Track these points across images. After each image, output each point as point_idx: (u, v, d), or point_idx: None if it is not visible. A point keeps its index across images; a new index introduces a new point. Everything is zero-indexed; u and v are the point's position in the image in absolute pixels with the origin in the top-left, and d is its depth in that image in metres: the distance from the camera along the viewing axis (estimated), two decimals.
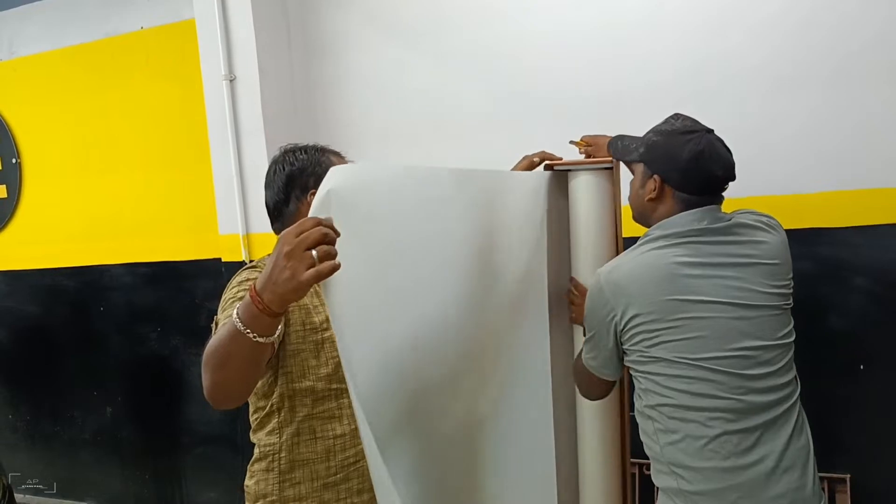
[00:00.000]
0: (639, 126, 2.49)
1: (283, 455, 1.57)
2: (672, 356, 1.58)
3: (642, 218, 1.80)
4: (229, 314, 1.40)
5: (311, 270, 1.12)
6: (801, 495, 1.61)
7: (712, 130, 1.72)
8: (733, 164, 1.72)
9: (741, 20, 2.57)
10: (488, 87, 2.98)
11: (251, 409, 1.62)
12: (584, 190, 1.98)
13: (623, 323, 1.63)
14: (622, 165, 1.96)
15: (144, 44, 3.63)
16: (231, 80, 3.15)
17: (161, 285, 3.81)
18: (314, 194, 1.56)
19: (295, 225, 1.16)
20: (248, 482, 1.63)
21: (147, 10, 3.62)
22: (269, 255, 1.64)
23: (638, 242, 1.73)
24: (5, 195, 4.09)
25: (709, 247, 1.65)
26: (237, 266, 3.24)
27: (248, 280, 1.54)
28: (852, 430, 2.57)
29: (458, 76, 3.04)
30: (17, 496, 2.65)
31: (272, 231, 1.78)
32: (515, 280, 1.84)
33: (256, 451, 1.62)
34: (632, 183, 1.83)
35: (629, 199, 1.84)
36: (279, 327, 1.26)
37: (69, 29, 3.82)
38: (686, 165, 1.67)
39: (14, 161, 4.01)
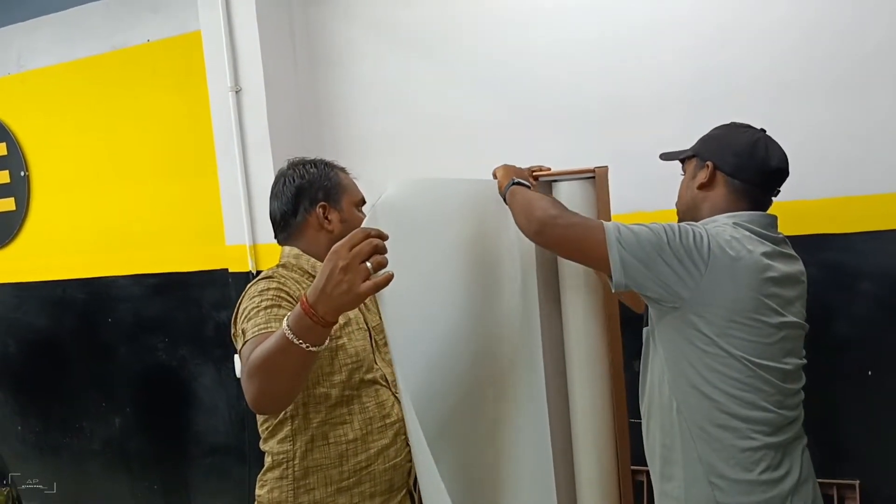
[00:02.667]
0: (642, 134, 2.52)
1: (296, 462, 1.58)
2: (737, 352, 1.54)
3: (691, 211, 1.75)
4: (257, 323, 1.44)
5: (369, 283, 1.16)
6: None
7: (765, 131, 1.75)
8: (788, 160, 1.72)
9: (745, 29, 2.57)
10: (493, 95, 2.99)
11: (260, 420, 1.63)
12: (567, 199, 1.97)
13: (703, 282, 1.51)
14: (609, 174, 1.95)
15: (151, 56, 3.66)
16: (237, 92, 3.17)
17: (168, 296, 3.83)
18: (323, 207, 1.70)
19: (346, 239, 1.19)
20: (259, 491, 1.64)
21: (153, 23, 3.65)
22: (278, 264, 1.68)
23: (717, 221, 1.64)
24: (14, 208, 4.12)
25: (783, 259, 1.64)
26: (244, 276, 3.25)
27: (268, 290, 1.56)
28: (861, 437, 2.57)
29: (463, 85, 3.05)
30: None
31: (276, 242, 1.80)
32: (514, 289, 1.90)
33: (269, 459, 1.63)
34: (683, 181, 1.80)
35: (678, 197, 1.82)
36: (328, 338, 1.29)
37: (77, 42, 3.85)
38: (742, 150, 1.67)
39: (22, 174, 4.04)
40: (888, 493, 2.55)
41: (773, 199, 1.76)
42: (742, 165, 1.67)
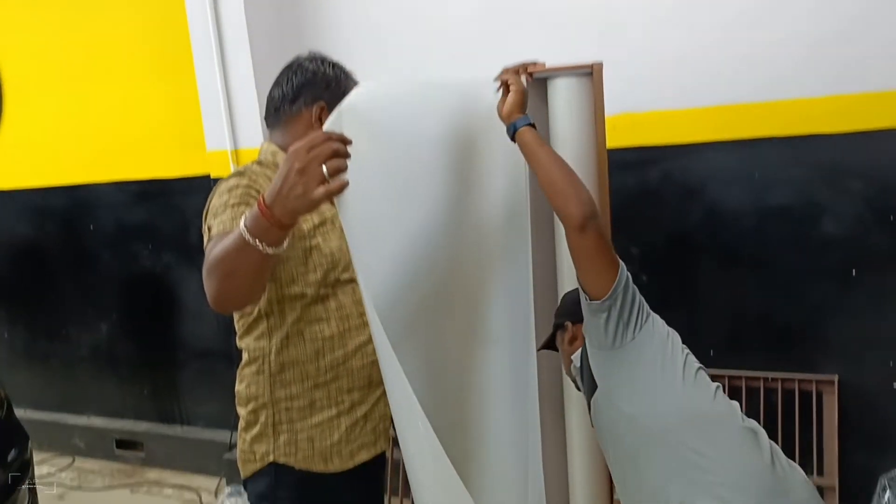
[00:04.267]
0: (633, 34, 2.44)
1: (272, 358, 1.57)
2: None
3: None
4: (223, 220, 1.40)
5: (322, 188, 1.15)
6: None
7: None
8: None
9: None
10: None
11: (237, 316, 1.62)
12: (564, 97, 1.89)
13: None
14: (604, 70, 1.87)
15: None
16: None
17: (151, 203, 3.77)
18: (322, 108, 1.60)
19: (305, 140, 1.16)
20: (238, 387, 1.64)
21: None
22: (254, 161, 1.63)
23: None
24: None
25: None
26: None
27: (237, 187, 1.51)
28: (841, 333, 2.61)
29: None
30: (18, 411, 2.69)
31: (262, 131, 1.75)
32: (498, 196, 1.80)
33: (245, 355, 1.62)
34: (560, 348, 1.70)
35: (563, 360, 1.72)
36: (287, 239, 1.26)
37: None
38: (568, 298, 1.71)
39: None
40: (866, 388, 2.61)
41: None
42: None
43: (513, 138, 1.57)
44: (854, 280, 2.55)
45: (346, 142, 1.20)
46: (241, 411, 1.63)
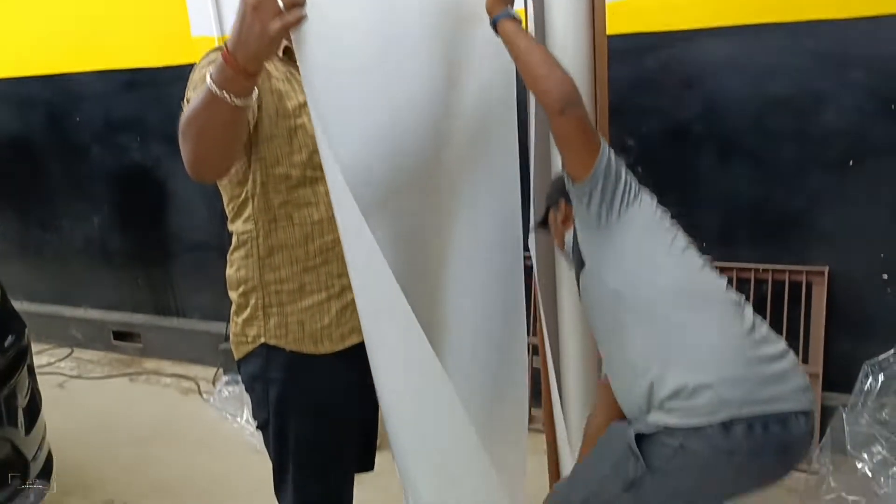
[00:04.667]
0: None
1: (260, 241, 1.54)
2: None
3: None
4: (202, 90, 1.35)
5: (278, 20, 1.12)
6: None
7: None
8: None
9: None
10: None
11: (226, 199, 1.59)
12: None
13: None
14: None
15: None
16: None
17: (138, 93, 3.69)
18: None
19: None
20: (228, 271, 1.63)
21: None
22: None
23: None
24: None
25: None
26: None
27: (217, 60, 1.46)
28: (834, 224, 2.61)
29: None
30: (15, 303, 2.70)
31: None
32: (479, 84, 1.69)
33: (234, 239, 1.60)
34: (551, 227, 1.71)
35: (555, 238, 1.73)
36: (255, 91, 1.24)
37: None
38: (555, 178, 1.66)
39: None
40: (855, 280, 2.63)
41: None
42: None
43: (496, 31, 1.53)
44: (850, 171, 2.53)
45: None
46: (233, 295, 1.63)
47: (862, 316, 2.65)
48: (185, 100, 1.47)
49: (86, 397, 3.68)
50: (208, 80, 1.18)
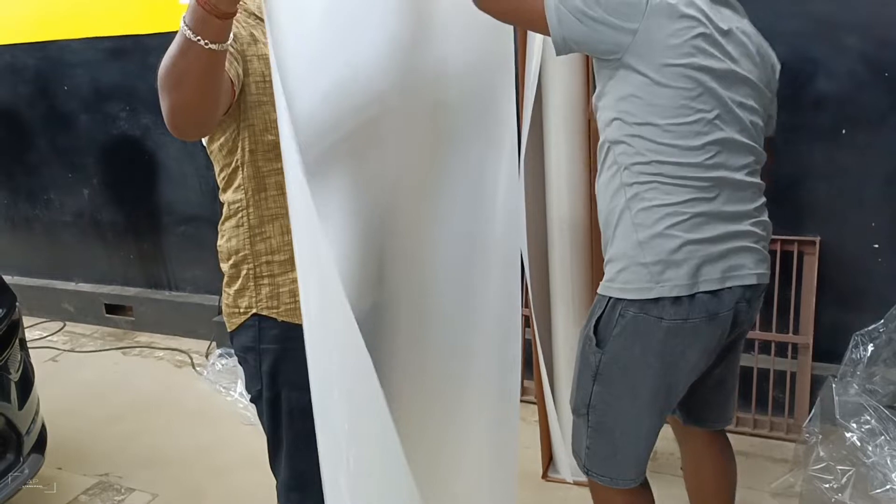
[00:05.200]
0: None
1: (251, 211, 1.53)
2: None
3: None
4: None
5: None
6: None
7: None
8: None
9: None
10: None
11: (217, 169, 1.57)
12: None
13: (641, 27, 1.44)
14: None
15: None
16: None
17: (125, 61, 3.64)
18: None
19: None
20: (219, 242, 1.61)
21: None
22: None
23: None
24: None
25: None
26: None
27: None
28: (826, 194, 2.60)
29: None
30: (6, 277, 2.68)
31: None
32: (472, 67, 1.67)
33: (225, 209, 1.58)
34: None
35: None
36: (230, 33, 1.20)
37: None
38: None
39: None
40: (847, 250, 2.63)
41: None
42: None
43: None
44: (843, 139, 2.52)
45: None
46: (224, 266, 1.61)
47: (853, 286, 2.66)
48: None
49: (79, 371, 3.67)
50: (182, 24, 1.15)
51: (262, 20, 1.41)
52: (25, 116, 4.00)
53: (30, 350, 2.56)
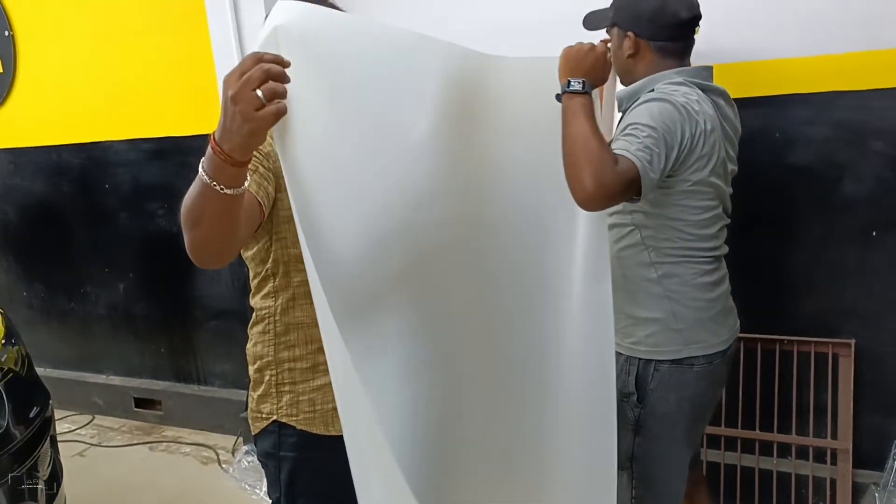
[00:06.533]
0: None
1: (277, 318, 1.55)
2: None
3: (628, 75, 1.85)
4: None
5: (260, 113, 1.09)
6: None
7: None
8: (696, 3, 1.79)
9: None
10: None
11: (251, 275, 1.61)
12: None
13: (687, 147, 1.67)
14: None
15: None
16: None
17: (165, 161, 3.77)
18: None
19: (237, 65, 1.11)
20: (248, 346, 1.64)
21: None
22: None
23: (666, 79, 1.76)
24: (1, 70, 3.99)
25: (731, 111, 1.89)
26: None
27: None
28: (859, 296, 2.58)
29: None
30: (38, 369, 2.73)
31: None
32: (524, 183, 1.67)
33: (254, 314, 1.61)
34: (611, 48, 1.83)
35: (613, 64, 1.84)
36: (247, 177, 1.23)
37: None
38: (654, 13, 1.75)
39: (7, 34, 3.88)
40: (882, 353, 2.58)
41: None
42: (658, 28, 1.76)
43: (559, 98, 1.61)
44: (874, 241, 2.52)
45: (282, 63, 1.12)
46: (250, 370, 1.65)
47: (891, 390, 2.60)
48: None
49: (106, 467, 3.65)
50: (200, 169, 1.18)
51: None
52: (68, 213, 4.12)
53: (59, 444, 2.57)
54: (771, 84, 2.52)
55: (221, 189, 1.16)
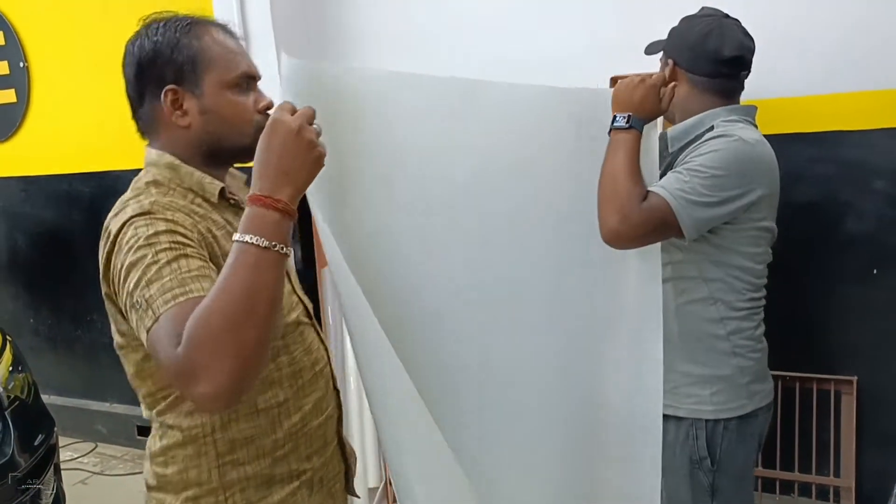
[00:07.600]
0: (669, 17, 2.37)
1: (217, 436, 1.26)
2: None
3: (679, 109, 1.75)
4: (168, 286, 1.07)
5: (322, 139, 1.08)
6: None
7: (729, 16, 1.68)
8: (749, 47, 1.67)
9: None
10: None
11: (151, 389, 1.34)
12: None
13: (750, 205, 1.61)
14: None
15: None
16: None
17: None
18: (173, 92, 1.30)
19: (276, 109, 1.10)
20: (164, 470, 1.30)
21: None
22: (146, 180, 1.35)
23: (720, 117, 1.67)
24: (14, 100, 4.04)
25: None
26: (248, 171, 3.23)
27: (156, 234, 1.16)
28: (861, 334, 2.59)
29: None
30: (43, 396, 2.74)
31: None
32: (556, 215, 1.69)
33: (173, 434, 1.29)
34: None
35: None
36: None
37: None
38: (695, 42, 1.63)
39: (21, 65, 3.95)
40: (885, 390, 2.59)
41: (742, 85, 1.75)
42: (696, 58, 1.64)
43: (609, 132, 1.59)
44: (875, 279, 2.54)
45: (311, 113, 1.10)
46: (169, 499, 1.30)
47: (894, 427, 2.60)
48: (135, 300, 1.12)
49: (106, 497, 3.65)
50: (244, 238, 1.00)
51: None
52: (77, 241, 4.16)
53: (62, 472, 2.57)
54: (777, 122, 2.55)
55: (282, 250, 1.01)
